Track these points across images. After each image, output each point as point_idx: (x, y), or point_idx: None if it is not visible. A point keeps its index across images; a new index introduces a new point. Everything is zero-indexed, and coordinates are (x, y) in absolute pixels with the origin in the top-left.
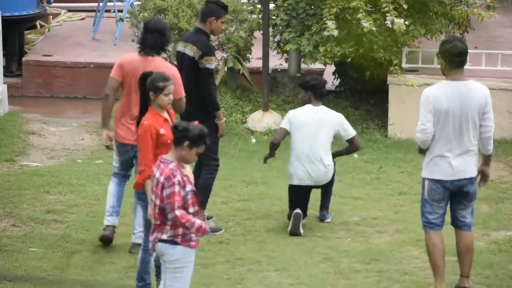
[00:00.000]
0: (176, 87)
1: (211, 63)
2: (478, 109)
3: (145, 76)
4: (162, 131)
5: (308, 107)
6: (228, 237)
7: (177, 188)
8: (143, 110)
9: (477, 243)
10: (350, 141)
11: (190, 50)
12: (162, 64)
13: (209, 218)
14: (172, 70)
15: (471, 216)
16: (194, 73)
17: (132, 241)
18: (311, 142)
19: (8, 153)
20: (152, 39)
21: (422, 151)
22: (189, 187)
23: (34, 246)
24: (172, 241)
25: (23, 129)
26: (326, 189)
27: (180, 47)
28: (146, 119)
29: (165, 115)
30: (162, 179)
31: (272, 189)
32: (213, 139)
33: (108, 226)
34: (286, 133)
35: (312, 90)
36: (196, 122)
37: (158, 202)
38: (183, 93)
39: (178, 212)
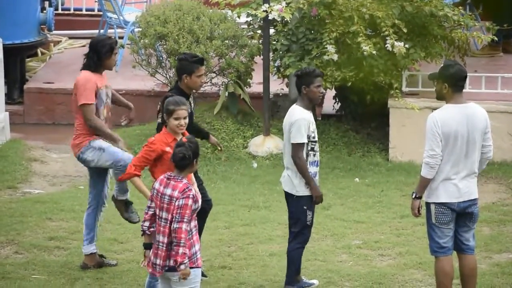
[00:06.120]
0: (77, 93)
1: None
2: (482, 130)
3: (165, 97)
4: (167, 149)
5: None
6: (230, 262)
7: (190, 201)
8: (159, 129)
9: (480, 265)
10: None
11: None
12: (79, 75)
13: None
14: (77, 79)
15: (474, 239)
16: None
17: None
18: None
19: (11, 180)
20: (87, 57)
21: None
22: (199, 203)
23: (37, 273)
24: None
25: (25, 156)
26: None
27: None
28: (155, 137)
29: (178, 137)
30: (176, 193)
31: (274, 213)
32: None
33: (84, 255)
34: None
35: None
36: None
37: (170, 217)
38: (81, 101)
39: (184, 226)
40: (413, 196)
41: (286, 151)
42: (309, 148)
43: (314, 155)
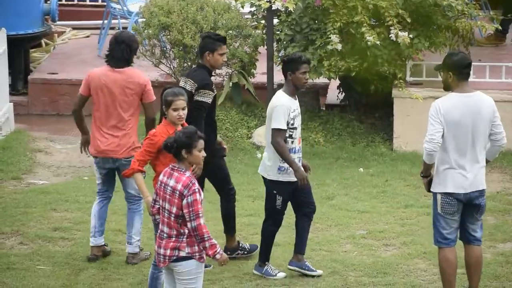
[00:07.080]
0: (146, 91)
1: (204, 96)
2: (488, 119)
3: (164, 89)
4: None
5: None
6: None
7: (198, 195)
8: (161, 121)
9: (484, 255)
10: None
11: (189, 85)
12: (133, 74)
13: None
14: (142, 78)
15: (481, 230)
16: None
17: (130, 251)
18: None
19: (15, 171)
20: (119, 51)
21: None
22: (202, 195)
23: (41, 264)
24: (186, 257)
25: (30, 147)
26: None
27: (182, 82)
28: (156, 129)
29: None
30: (179, 186)
31: None
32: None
33: (92, 247)
34: None
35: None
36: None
37: (174, 210)
38: (152, 99)
39: (202, 221)
40: (421, 175)
41: (267, 136)
42: (287, 135)
43: (292, 142)
